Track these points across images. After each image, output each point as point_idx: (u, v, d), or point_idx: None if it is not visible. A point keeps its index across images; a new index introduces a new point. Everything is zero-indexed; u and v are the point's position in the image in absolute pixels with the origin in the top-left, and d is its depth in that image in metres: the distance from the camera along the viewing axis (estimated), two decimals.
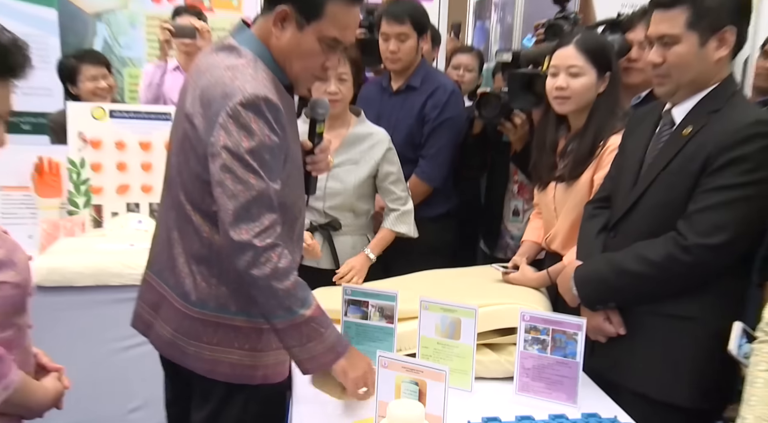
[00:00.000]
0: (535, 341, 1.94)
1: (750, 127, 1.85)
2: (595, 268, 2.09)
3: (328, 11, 1.66)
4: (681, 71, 1.94)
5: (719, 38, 1.90)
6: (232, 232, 1.60)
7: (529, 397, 1.94)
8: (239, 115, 1.59)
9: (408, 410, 1.37)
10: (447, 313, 1.97)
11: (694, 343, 1.95)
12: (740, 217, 1.87)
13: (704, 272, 1.92)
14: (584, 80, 2.40)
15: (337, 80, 2.69)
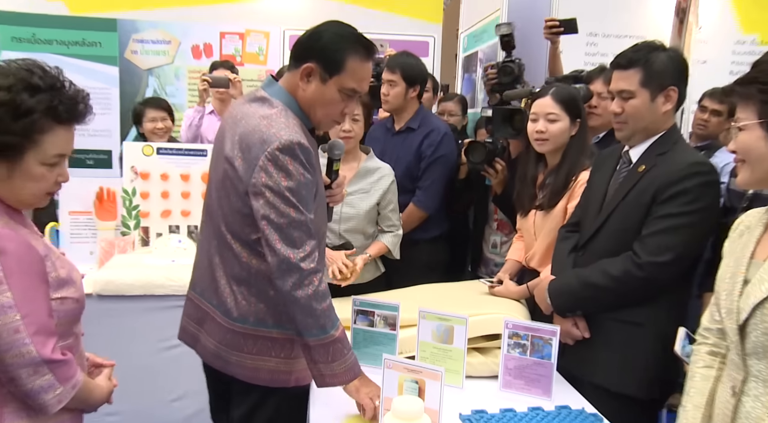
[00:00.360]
0: (516, 345, 1.92)
1: (690, 167, 1.92)
2: (566, 282, 2.10)
3: (348, 67, 1.67)
4: (636, 120, 2.01)
5: (665, 95, 1.98)
6: (278, 258, 1.58)
7: (511, 393, 1.92)
8: (277, 159, 1.58)
9: (409, 405, 1.36)
10: (442, 321, 1.94)
11: (644, 344, 1.97)
12: (684, 239, 1.92)
13: (654, 285, 1.95)
14: (560, 125, 2.42)
15: (351, 120, 2.69)
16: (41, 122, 1.33)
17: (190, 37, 4.78)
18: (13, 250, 1.31)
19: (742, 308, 1.36)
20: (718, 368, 1.52)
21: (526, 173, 2.58)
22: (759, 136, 1.34)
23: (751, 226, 1.47)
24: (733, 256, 1.47)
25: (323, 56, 1.66)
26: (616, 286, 1.96)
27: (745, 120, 1.36)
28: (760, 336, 1.32)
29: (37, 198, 1.42)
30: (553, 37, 3.19)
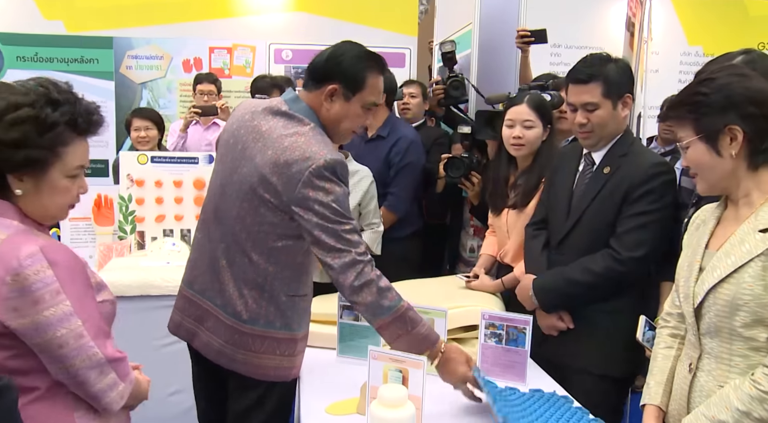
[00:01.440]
0: (493, 335, 1.91)
1: (653, 167, 1.97)
2: (551, 280, 2.09)
3: (368, 83, 1.69)
4: (602, 128, 2.04)
5: (623, 102, 2.04)
6: (342, 259, 1.60)
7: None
8: (323, 174, 1.59)
9: (394, 392, 1.34)
10: (423, 314, 1.89)
11: (622, 329, 1.98)
12: (654, 234, 1.96)
13: (632, 278, 2.00)
14: (536, 131, 2.42)
15: None
16: (64, 135, 1.30)
17: (181, 52, 4.75)
18: (62, 260, 1.27)
19: (697, 293, 1.40)
20: (678, 348, 1.56)
21: (499, 174, 2.58)
22: (702, 149, 1.39)
23: (706, 220, 1.51)
24: (691, 247, 1.51)
25: (346, 77, 1.67)
26: (599, 281, 1.98)
27: (686, 138, 1.42)
28: (713, 317, 1.37)
29: (62, 211, 1.38)
30: (524, 46, 3.20)
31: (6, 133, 1.24)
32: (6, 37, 4.55)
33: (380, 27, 4.83)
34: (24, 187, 1.28)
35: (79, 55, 4.62)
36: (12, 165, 1.26)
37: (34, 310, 1.21)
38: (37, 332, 1.22)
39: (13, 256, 1.20)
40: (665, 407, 1.52)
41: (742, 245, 1.33)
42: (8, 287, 1.20)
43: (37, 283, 1.21)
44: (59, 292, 1.23)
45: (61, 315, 1.23)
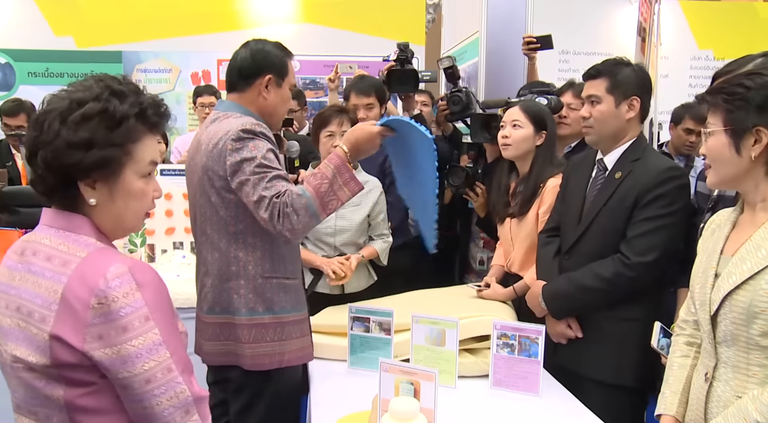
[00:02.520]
0: (505, 345, 1.88)
1: (665, 172, 1.95)
2: (560, 286, 2.08)
3: (289, 68, 1.89)
4: (601, 123, 2.04)
5: (628, 104, 2.02)
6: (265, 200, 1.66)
7: (501, 390, 1.88)
8: (242, 137, 1.70)
9: (406, 405, 1.32)
10: (434, 325, 1.91)
11: (635, 337, 1.96)
12: (665, 239, 1.93)
13: (642, 283, 1.96)
14: (523, 132, 2.41)
15: (340, 137, 2.66)
16: (135, 129, 1.15)
17: (190, 65, 4.79)
18: (150, 282, 1.09)
19: (713, 300, 1.37)
20: (694, 357, 1.53)
21: (500, 182, 2.57)
22: (724, 142, 1.36)
23: (721, 225, 1.48)
24: (706, 252, 1.48)
25: (275, 65, 1.85)
26: (609, 286, 1.96)
27: (713, 126, 1.38)
28: (729, 325, 1.34)
29: (139, 220, 1.21)
30: (531, 53, 3.19)
31: (74, 134, 1.08)
32: (18, 53, 4.62)
33: (387, 37, 4.84)
34: (98, 195, 1.12)
35: (89, 69, 4.65)
36: (84, 169, 1.09)
37: (121, 339, 1.04)
38: (123, 364, 1.04)
39: (98, 276, 1.04)
40: (681, 417, 1.50)
41: (759, 251, 1.30)
42: (93, 312, 1.03)
43: (126, 308, 1.04)
44: (148, 318, 1.06)
45: (150, 345, 1.06)
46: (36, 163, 1.10)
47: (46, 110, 1.11)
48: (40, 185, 1.12)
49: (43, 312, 1.05)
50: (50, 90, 1.33)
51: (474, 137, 2.95)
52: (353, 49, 4.65)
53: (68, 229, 1.11)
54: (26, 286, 1.09)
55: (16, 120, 4.02)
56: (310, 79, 4.72)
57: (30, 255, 1.11)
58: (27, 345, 1.06)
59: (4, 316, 1.11)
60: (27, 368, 1.07)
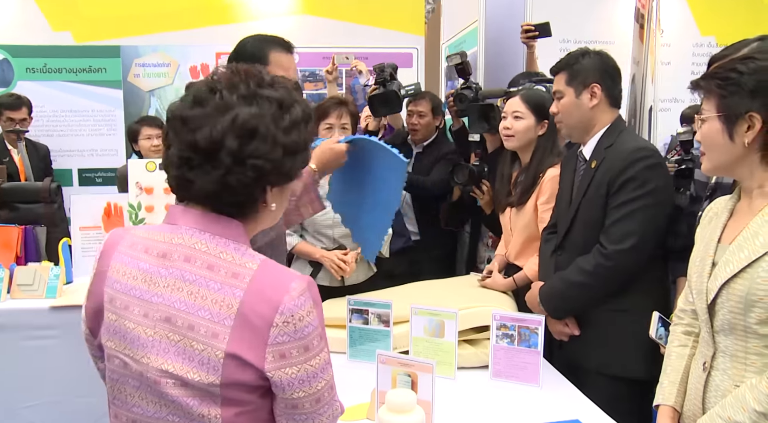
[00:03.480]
0: (505, 336, 1.88)
1: (632, 153, 1.93)
2: (552, 285, 2.08)
3: (272, 59, 1.79)
4: (566, 116, 2.08)
5: (590, 92, 2.04)
6: None
7: (501, 381, 1.88)
8: None
9: (402, 398, 1.32)
10: (433, 316, 1.91)
11: (629, 328, 1.95)
12: (641, 223, 1.91)
13: (627, 271, 1.94)
14: (525, 123, 2.42)
15: (340, 130, 2.66)
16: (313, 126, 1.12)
17: (188, 59, 4.75)
18: (319, 299, 1.04)
19: (710, 289, 1.36)
20: (692, 346, 1.53)
21: (503, 172, 2.57)
22: (717, 128, 1.35)
23: (719, 213, 1.47)
24: (703, 241, 1.47)
25: (251, 59, 1.73)
26: (592, 280, 1.95)
27: (707, 112, 1.37)
28: (727, 314, 1.33)
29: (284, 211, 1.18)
30: (529, 41, 3.17)
31: (289, 139, 1.03)
32: (15, 49, 4.60)
33: (386, 27, 4.81)
34: (275, 199, 1.07)
35: (86, 64, 4.64)
36: (291, 176, 1.06)
37: (303, 358, 0.99)
38: (301, 384, 1.00)
39: (281, 292, 0.98)
40: (680, 407, 1.49)
41: (756, 238, 1.29)
42: (276, 330, 0.97)
43: (308, 327, 0.99)
44: (322, 336, 1.03)
45: (323, 364, 1.03)
46: (241, 173, 0.99)
47: (253, 114, 1.00)
48: (242, 195, 1.02)
49: (214, 327, 0.98)
50: (48, 85, 1.30)
51: (472, 128, 2.94)
52: (352, 41, 4.62)
53: (226, 236, 1.03)
54: (179, 296, 1.00)
55: (19, 113, 4.02)
56: (309, 71, 4.70)
57: (180, 260, 1.02)
58: (186, 361, 0.98)
59: (141, 325, 1.02)
60: (180, 384, 0.99)
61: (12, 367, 2.59)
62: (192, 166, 1.01)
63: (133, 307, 1.04)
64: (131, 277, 1.06)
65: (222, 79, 1.03)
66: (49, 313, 2.52)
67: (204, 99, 1.01)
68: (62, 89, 4.60)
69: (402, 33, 4.83)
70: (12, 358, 2.57)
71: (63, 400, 2.52)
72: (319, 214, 2.67)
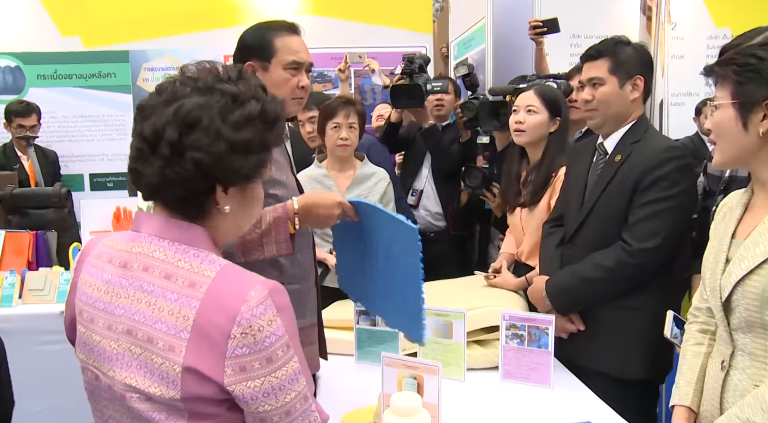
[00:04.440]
0: (514, 336, 1.85)
1: (665, 152, 1.88)
2: (563, 280, 2.02)
3: (278, 45, 1.67)
4: (606, 105, 1.97)
5: (632, 83, 1.95)
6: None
7: (511, 382, 1.85)
8: None
9: (407, 401, 1.29)
10: (441, 317, 1.88)
11: (641, 328, 1.91)
12: (668, 223, 1.86)
13: (647, 271, 1.89)
14: (538, 118, 2.36)
15: (347, 128, 2.64)
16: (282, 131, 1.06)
17: None
18: (286, 305, 0.98)
19: (724, 286, 1.32)
20: (708, 345, 1.49)
21: (511, 170, 2.52)
22: (731, 116, 1.29)
23: (733, 208, 1.43)
24: (717, 236, 1.43)
25: (254, 49, 1.68)
26: (612, 276, 1.90)
27: (721, 99, 1.31)
28: (743, 311, 1.29)
29: (249, 226, 1.13)
30: (538, 38, 3.13)
31: (238, 135, 0.96)
32: (26, 56, 4.66)
33: (394, 26, 4.80)
34: (230, 202, 1.01)
35: (96, 70, 4.69)
36: (243, 175, 0.99)
37: (265, 371, 0.94)
38: (266, 397, 0.95)
39: (238, 301, 0.93)
40: (696, 408, 1.45)
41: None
42: (234, 342, 0.92)
43: (270, 337, 0.93)
44: (289, 346, 0.96)
45: (291, 375, 0.97)
46: (179, 164, 0.94)
47: (199, 104, 0.95)
48: (182, 190, 0.96)
49: (170, 340, 0.93)
50: (59, 91, 1.29)
51: (483, 125, 2.91)
52: (361, 41, 4.62)
53: (185, 242, 0.98)
54: (139, 307, 0.96)
55: (28, 120, 4.06)
56: (318, 71, 4.69)
57: (139, 270, 0.98)
58: (148, 375, 0.95)
59: (106, 338, 1.00)
60: (145, 399, 0.96)
61: (23, 372, 2.59)
62: (141, 157, 0.98)
63: (98, 319, 1.01)
64: (96, 288, 1.03)
65: (188, 72, 1.01)
66: (59, 318, 2.46)
67: (162, 90, 1.00)
68: (73, 95, 4.65)
69: (410, 32, 4.82)
70: (23, 362, 2.57)
71: (74, 406, 2.51)
72: None
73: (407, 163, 3.50)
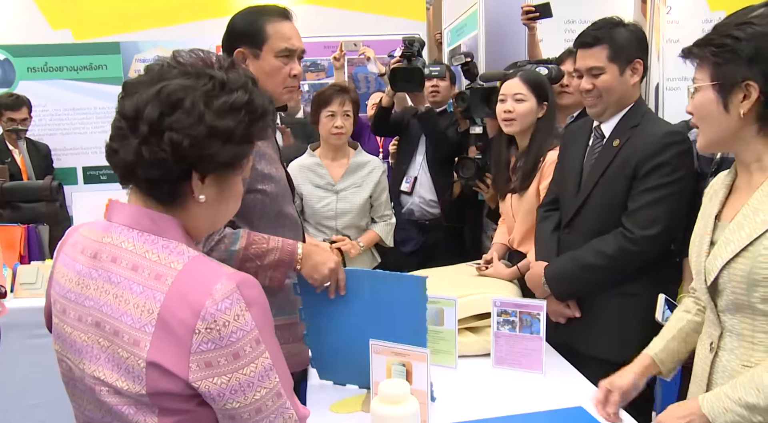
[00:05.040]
0: (506, 322, 1.85)
1: (664, 137, 1.85)
2: (562, 266, 2.01)
3: (269, 32, 1.64)
4: (609, 94, 1.93)
5: (632, 68, 1.93)
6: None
7: (503, 369, 1.85)
8: None
9: (395, 388, 1.29)
10: (432, 304, 1.85)
11: (638, 313, 1.90)
12: (669, 209, 1.85)
13: (648, 258, 1.88)
14: (527, 105, 2.35)
15: (342, 116, 2.63)
16: (268, 127, 1.04)
17: None
18: (258, 298, 0.95)
19: (710, 269, 1.32)
20: (696, 313, 1.51)
21: (500, 157, 2.51)
22: (711, 98, 1.27)
23: (717, 190, 1.42)
24: (703, 219, 1.42)
25: (244, 36, 1.64)
26: (613, 263, 1.89)
27: (700, 82, 1.29)
28: (730, 294, 1.29)
29: (224, 222, 1.11)
30: (530, 23, 3.12)
31: (220, 121, 0.95)
32: (16, 49, 4.63)
33: (387, 14, 4.77)
34: (205, 192, 0.98)
35: (87, 62, 4.66)
36: (215, 163, 0.96)
37: (232, 367, 0.91)
38: (233, 394, 0.92)
39: (203, 295, 0.90)
40: (659, 362, 1.53)
41: (756, 215, 1.24)
42: (199, 337, 0.90)
43: (237, 332, 0.91)
44: (259, 341, 0.93)
45: (261, 371, 0.94)
46: (157, 144, 0.92)
47: (184, 86, 0.93)
48: (156, 171, 0.93)
49: (135, 334, 0.91)
50: (50, 84, 1.26)
51: (475, 112, 2.90)
52: (354, 29, 4.59)
53: (154, 232, 0.96)
54: (106, 299, 0.95)
55: (19, 113, 4.04)
56: (310, 61, 4.66)
57: (108, 261, 0.96)
58: (115, 369, 0.93)
59: (77, 330, 0.98)
60: (114, 392, 0.94)
61: (16, 366, 2.60)
62: (119, 135, 0.96)
63: (70, 311, 1.00)
64: (68, 279, 1.02)
65: (179, 56, 0.99)
66: None
67: (149, 70, 0.98)
68: (64, 87, 4.62)
69: (403, 19, 4.78)
70: (16, 356, 2.58)
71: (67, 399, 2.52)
72: (320, 204, 2.67)
73: (401, 148, 3.48)
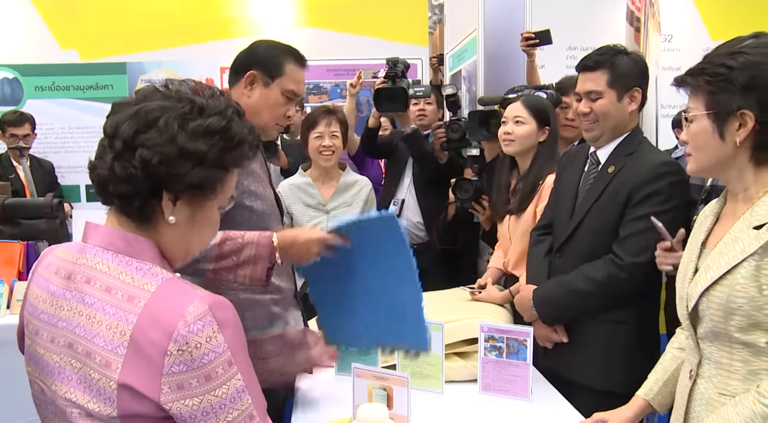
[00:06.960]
0: (493, 348, 1.85)
1: (659, 167, 1.87)
2: (550, 290, 2.02)
3: (287, 70, 1.71)
4: (605, 119, 1.95)
5: (630, 96, 1.94)
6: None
7: (490, 395, 1.84)
8: None
9: (373, 413, 1.30)
10: None
11: (627, 341, 1.91)
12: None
13: (636, 285, 1.88)
14: (526, 128, 2.37)
15: (330, 137, 2.67)
16: (244, 156, 1.05)
17: (193, 74, 4.78)
18: (230, 320, 0.96)
19: (690, 295, 1.32)
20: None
21: (501, 180, 2.53)
22: (707, 127, 1.28)
23: (707, 217, 1.43)
24: (690, 245, 1.43)
25: (262, 62, 1.70)
26: (602, 290, 1.89)
27: (695, 111, 1.30)
28: (708, 322, 1.29)
29: (201, 249, 1.13)
30: (530, 49, 3.14)
31: (192, 144, 0.97)
32: (24, 68, 4.73)
33: (391, 39, 4.84)
34: (177, 214, 1.00)
35: (93, 82, 4.76)
36: (183, 184, 0.97)
37: (203, 389, 0.92)
38: (205, 416, 0.92)
39: (175, 317, 0.91)
40: (657, 405, 1.53)
41: (736, 244, 1.25)
42: (171, 359, 0.90)
43: (209, 354, 0.91)
44: (231, 363, 0.94)
45: (233, 393, 0.94)
46: (128, 160, 0.95)
47: (162, 106, 0.97)
48: (126, 186, 0.96)
49: (107, 356, 0.92)
50: (57, 103, 1.30)
51: (472, 135, 2.92)
52: (357, 53, 4.66)
53: (128, 254, 0.98)
54: (80, 320, 0.96)
55: (22, 129, 4.10)
56: (313, 83, 4.73)
57: (82, 282, 0.98)
58: (86, 390, 0.94)
59: (49, 351, 0.99)
60: (85, 415, 0.95)
61: (11, 383, 2.60)
62: (100, 152, 1.00)
63: (43, 332, 1.01)
64: (41, 300, 1.03)
65: (169, 83, 1.03)
66: None
67: (137, 93, 1.02)
68: (70, 106, 4.71)
69: (406, 44, 4.85)
70: (11, 373, 2.58)
71: None
72: (311, 223, 2.69)
73: (390, 171, 3.51)
